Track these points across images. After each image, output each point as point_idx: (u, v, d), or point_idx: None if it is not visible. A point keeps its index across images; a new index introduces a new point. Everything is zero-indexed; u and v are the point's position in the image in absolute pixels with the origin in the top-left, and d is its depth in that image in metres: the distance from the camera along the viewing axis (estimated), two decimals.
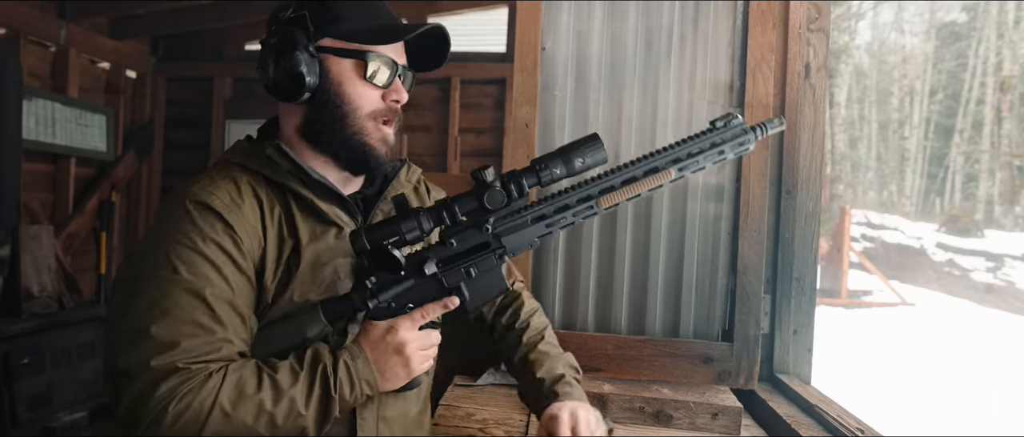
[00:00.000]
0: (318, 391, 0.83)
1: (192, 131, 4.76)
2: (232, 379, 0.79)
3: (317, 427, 0.84)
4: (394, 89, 0.96)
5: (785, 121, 0.94)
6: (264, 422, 0.80)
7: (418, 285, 0.90)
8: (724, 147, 0.91)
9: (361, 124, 0.94)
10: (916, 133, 24.81)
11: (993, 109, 21.81)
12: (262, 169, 0.93)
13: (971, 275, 13.02)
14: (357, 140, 0.94)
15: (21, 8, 3.62)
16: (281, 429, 0.81)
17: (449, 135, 4.48)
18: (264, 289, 0.89)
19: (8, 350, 2.76)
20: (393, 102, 0.96)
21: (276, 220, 0.91)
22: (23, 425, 2.78)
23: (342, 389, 0.84)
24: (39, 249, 3.12)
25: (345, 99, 0.93)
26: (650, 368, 1.63)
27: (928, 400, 5.71)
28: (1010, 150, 21.07)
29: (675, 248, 1.68)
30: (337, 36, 0.92)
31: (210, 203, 0.85)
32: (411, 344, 0.89)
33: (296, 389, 0.82)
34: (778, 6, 1.68)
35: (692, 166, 0.91)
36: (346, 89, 0.93)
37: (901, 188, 25.49)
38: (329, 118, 0.93)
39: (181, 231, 0.83)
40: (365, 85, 0.93)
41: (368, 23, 0.94)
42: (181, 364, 0.77)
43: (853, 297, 11.07)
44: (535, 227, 0.92)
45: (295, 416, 0.82)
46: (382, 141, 0.96)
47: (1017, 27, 21.92)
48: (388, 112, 0.96)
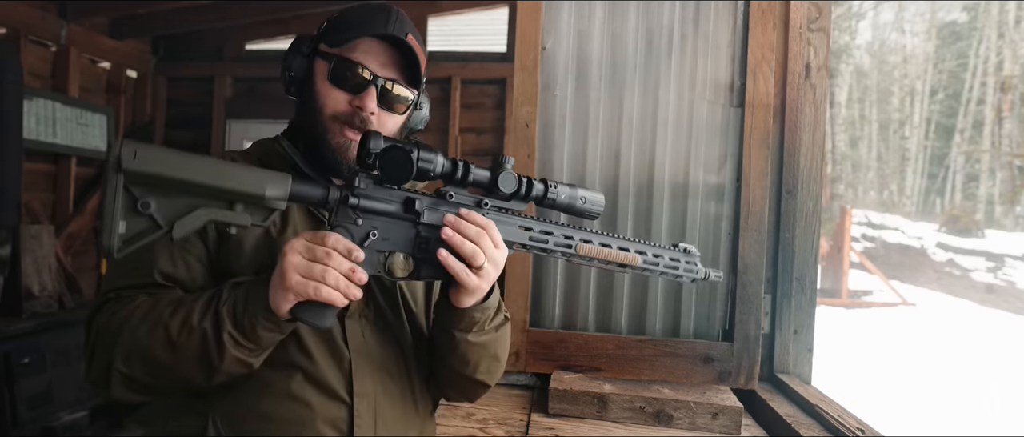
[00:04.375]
0: (212, 306, 0.83)
1: (193, 131, 4.77)
2: (152, 301, 0.86)
3: (215, 345, 0.81)
4: (359, 96, 0.97)
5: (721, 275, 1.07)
6: (161, 336, 0.82)
7: (395, 218, 0.87)
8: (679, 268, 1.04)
9: (326, 123, 0.97)
10: (917, 133, 24.81)
11: (994, 109, 21.81)
12: (265, 159, 1.01)
13: (972, 275, 13.02)
14: (321, 138, 0.97)
15: (22, 8, 3.63)
16: (179, 347, 0.82)
17: (449, 135, 4.49)
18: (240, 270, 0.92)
19: (9, 350, 2.76)
20: (357, 108, 0.97)
21: None
22: (24, 424, 2.78)
23: (234, 304, 0.82)
24: (40, 249, 3.12)
25: (315, 97, 0.98)
26: (650, 368, 1.63)
27: (928, 400, 5.71)
28: (1011, 150, 21.06)
29: None
30: (326, 42, 0.99)
31: None
32: (292, 252, 0.79)
33: (195, 303, 0.84)
34: (779, 6, 1.68)
35: (652, 269, 1.01)
36: (317, 88, 0.99)
37: (902, 188, 25.49)
38: (306, 113, 1.00)
39: None
40: (331, 86, 0.97)
41: (350, 33, 0.97)
42: (114, 295, 0.89)
43: (853, 297, 11.08)
44: (518, 232, 0.94)
45: (188, 331, 0.81)
46: (343, 147, 0.97)
47: (1018, 27, 21.91)
48: (352, 116, 0.97)
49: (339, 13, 1.02)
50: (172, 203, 0.74)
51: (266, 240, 0.94)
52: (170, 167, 0.73)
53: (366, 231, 0.85)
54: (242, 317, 0.82)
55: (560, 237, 0.95)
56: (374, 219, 0.86)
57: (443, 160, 0.87)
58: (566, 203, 0.94)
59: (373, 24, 0.97)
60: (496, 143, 4.52)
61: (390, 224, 0.87)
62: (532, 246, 0.94)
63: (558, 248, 0.95)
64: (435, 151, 0.87)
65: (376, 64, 0.97)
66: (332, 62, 0.96)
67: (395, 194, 0.87)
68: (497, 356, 1.03)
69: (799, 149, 1.72)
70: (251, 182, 0.78)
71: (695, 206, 1.67)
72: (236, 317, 0.82)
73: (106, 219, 0.71)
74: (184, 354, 0.82)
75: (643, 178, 1.69)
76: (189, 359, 0.82)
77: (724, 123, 1.67)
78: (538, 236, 0.95)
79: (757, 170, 1.62)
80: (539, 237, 0.95)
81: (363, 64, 0.96)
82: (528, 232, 0.94)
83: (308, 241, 0.81)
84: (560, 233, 0.96)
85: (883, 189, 26.23)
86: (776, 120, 1.71)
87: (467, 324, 0.95)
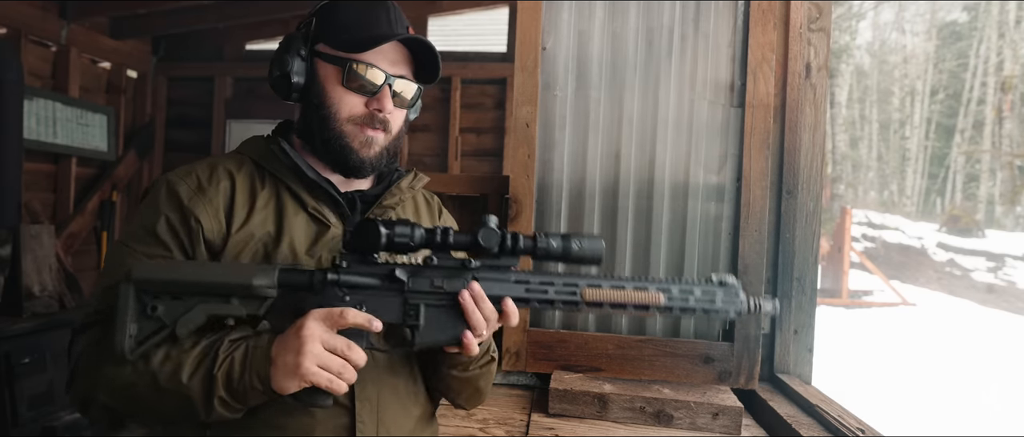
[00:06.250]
0: (205, 365, 0.81)
1: (193, 130, 4.77)
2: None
3: (203, 404, 0.81)
4: (376, 98, 0.97)
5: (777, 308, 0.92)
6: (147, 381, 0.81)
7: (381, 290, 0.87)
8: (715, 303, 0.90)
9: (340, 127, 0.97)
10: (917, 133, 24.80)
11: (994, 109, 21.80)
12: (261, 160, 0.99)
13: (972, 275, 13.02)
14: (337, 142, 0.97)
15: (22, 8, 3.63)
16: (166, 394, 0.81)
17: (450, 135, 4.48)
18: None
19: (9, 350, 2.76)
20: (376, 111, 0.97)
21: (266, 205, 0.97)
22: (24, 424, 2.78)
23: (229, 369, 0.81)
24: (40, 249, 3.12)
25: (327, 103, 0.97)
26: (651, 368, 1.63)
27: (928, 400, 5.71)
28: (1011, 150, 21.05)
29: (676, 248, 1.68)
30: (328, 42, 0.98)
31: (176, 188, 0.94)
32: (312, 341, 0.79)
33: (187, 356, 0.82)
34: (779, 6, 1.68)
35: (679, 302, 0.89)
36: (328, 93, 0.97)
37: (902, 188, 25.49)
38: (316, 119, 0.98)
39: (146, 209, 0.94)
40: (345, 91, 0.96)
41: (355, 33, 0.96)
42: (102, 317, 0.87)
43: (854, 297, 11.07)
44: (515, 287, 0.89)
45: (176, 383, 0.81)
46: (365, 144, 0.98)
47: (1018, 27, 21.90)
48: (369, 118, 0.97)
49: (328, 8, 0.99)
50: (176, 305, 0.83)
51: (262, 254, 0.94)
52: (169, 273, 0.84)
53: (355, 306, 0.85)
54: (237, 384, 0.81)
55: (561, 286, 0.89)
56: (361, 293, 0.86)
57: (421, 231, 0.85)
58: (560, 251, 0.87)
59: (378, 24, 0.97)
60: (496, 143, 4.51)
61: (377, 296, 0.87)
62: (532, 298, 0.89)
63: (560, 297, 0.89)
64: (413, 224, 0.85)
65: (387, 63, 0.97)
66: (345, 67, 0.95)
67: (379, 267, 0.87)
68: (479, 390, 1.07)
69: (799, 149, 1.72)
70: (241, 276, 0.83)
71: (695, 206, 1.67)
72: (231, 383, 0.81)
73: (119, 323, 0.81)
74: (169, 403, 0.82)
75: (643, 178, 1.69)
76: (174, 408, 0.83)
77: (724, 123, 1.67)
78: (537, 288, 0.89)
79: (757, 170, 1.62)
80: (537, 289, 0.89)
81: (378, 66, 0.96)
82: (524, 285, 0.89)
83: (326, 326, 0.81)
84: (561, 282, 0.89)
85: (883, 189, 26.22)
86: (776, 120, 1.71)
87: (454, 363, 0.98)
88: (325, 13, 0.99)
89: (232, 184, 0.96)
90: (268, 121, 4.48)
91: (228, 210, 0.94)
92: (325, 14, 0.99)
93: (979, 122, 22.69)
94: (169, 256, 0.90)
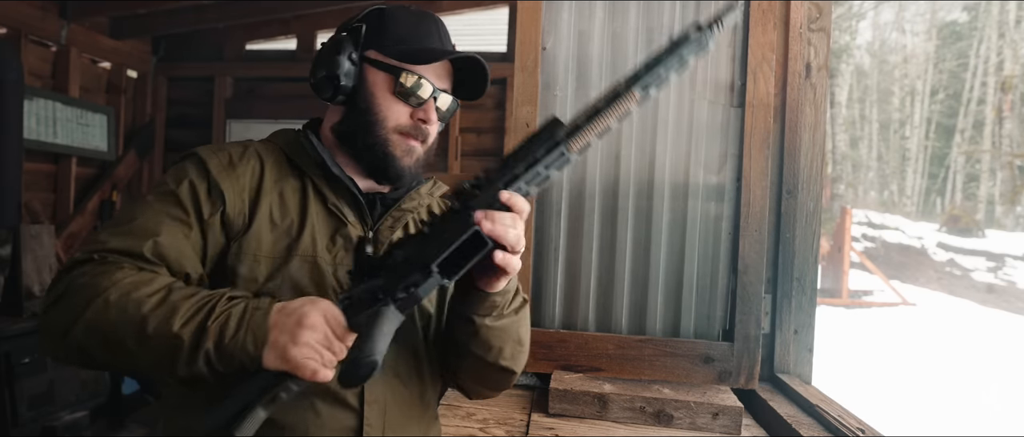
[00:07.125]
0: (201, 316, 0.79)
1: (193, 131, 4.77)
2: (137, 278, 0.81)
3: (188, 356, 0.78)
4: (422, 109, 0.99)
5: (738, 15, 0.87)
6: (133, 325, 0.78)
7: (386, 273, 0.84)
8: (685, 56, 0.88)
9: (386, 135, 0.98)
10: (917, 133, 24.80)
11: (994, 109, 21.80)
12: (290, 151, 1.01)
13: (972, 275, 13.02)
14: (379, 149, 0.98)
15: (22, 7, 3.63)
16: (149, 340, 0.78)
17: (450, 135, 4.48)
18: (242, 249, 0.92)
19: (9, 349, 2.76)
20: (420, 121, 0.99)
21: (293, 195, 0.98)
22: (24, 424, 2.78)
23: (223, 324, 0.78)
24: (40, 249, 3.12)
25: (375, 109, 0.98)
26: (651, 368, 1.63)
27: (928, 400, 5.71)
28: (1011, 150, 21.05)
29: (676, 248, 1.68)
30: (381, 50, 0.99)
31: (207, 160, 0.94)
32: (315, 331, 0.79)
33: (182, 304, 0.79)
34: (779, 6, 1.68)
35: (655, 80, 0.85)
36: (377, 100, 0.98)
37: (902, 188, 25.49)
38: (360, 123, 0.99)
39: (173, 173, 0.94)
40: (394, 100, 0.98)
41: (410, 44, 0.98)
42: (99, 256, 0.84)
43: (854, 297, 11.08)
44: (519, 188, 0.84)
45: (165, 329, 0.77)
46: (407, 153, 0.99)
47: (1018, 27, 21.90)
48: (414, 129, 0.99)
49: (378, 15, 1.00)
50: None
51: (284, 242, 0.94)
52: None
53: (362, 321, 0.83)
54: (229, 341, 0.78)
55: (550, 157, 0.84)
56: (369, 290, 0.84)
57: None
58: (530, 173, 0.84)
59: (430, 38, 1.00)
60: (496, 143, 4.51)
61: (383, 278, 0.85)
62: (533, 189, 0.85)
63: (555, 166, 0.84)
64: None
65: (434, 76, 1.00)
66: (398, 76, 0.97)
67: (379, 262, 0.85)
68: (520, 339, 1.02)
69: (799, 149, 1.72)
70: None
71: (695, 206, 1.67)
72: (221, 339, 0.78)
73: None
74: (150, 350, 0.78)
75: (643, 178, 1.69)
76: (153, 356, 0.79)
77: (724, 123, 1.67)
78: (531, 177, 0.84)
79: (757, 170, 1.62)
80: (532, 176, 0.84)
81: (430, 80, 0.98)
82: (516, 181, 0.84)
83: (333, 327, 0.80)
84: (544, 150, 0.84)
85: (883, 189, 26.23)
86: (776, 120, 1.71)
87: (487, 309, 0.93)
88: (376, 20, 1.00)
89: (262, 167, 0.98)
90: (268, 121, 4.51)
91: (255, 193, 0.95)
92: (376, 21, 1.00)
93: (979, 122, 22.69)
94: (185, 219, 0.89)
